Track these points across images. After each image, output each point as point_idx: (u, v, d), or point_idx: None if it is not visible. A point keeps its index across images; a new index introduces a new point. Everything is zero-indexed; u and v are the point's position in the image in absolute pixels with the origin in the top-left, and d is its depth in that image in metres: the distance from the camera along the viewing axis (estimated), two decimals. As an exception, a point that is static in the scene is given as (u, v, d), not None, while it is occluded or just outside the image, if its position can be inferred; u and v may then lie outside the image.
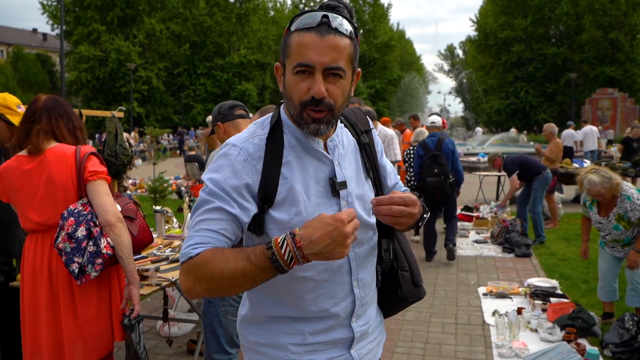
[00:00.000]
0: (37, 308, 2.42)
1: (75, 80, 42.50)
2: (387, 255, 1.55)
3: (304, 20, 1.29)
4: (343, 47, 1.30)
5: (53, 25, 44.01)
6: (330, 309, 1.42)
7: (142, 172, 16.31)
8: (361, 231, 1.43)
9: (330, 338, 1.44)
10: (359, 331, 1.48)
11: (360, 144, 1.53)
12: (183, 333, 4.39)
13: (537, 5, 46.08)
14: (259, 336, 1.46)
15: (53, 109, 2.51)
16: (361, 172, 1.50)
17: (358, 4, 53.42)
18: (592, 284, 5.64)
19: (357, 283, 1.45)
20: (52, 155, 2.43)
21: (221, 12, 46.23)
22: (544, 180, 7.48)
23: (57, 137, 2.49)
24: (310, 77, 1.29)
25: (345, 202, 1.42)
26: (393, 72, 54.06)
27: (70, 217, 2.33)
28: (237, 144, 1.36)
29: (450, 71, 78.09)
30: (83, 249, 2.31)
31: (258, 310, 1.46)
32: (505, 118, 47.68)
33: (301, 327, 1.42)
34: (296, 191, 1.35)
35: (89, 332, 2.42)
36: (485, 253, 7.19)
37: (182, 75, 45.92)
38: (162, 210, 4.30)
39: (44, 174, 2.40)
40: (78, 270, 2.31)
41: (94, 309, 2.44)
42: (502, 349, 3.95)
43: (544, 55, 46.12)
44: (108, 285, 2.52)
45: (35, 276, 2.41)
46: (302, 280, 1.38)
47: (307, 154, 1.40)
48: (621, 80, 42.07)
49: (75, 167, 2.42)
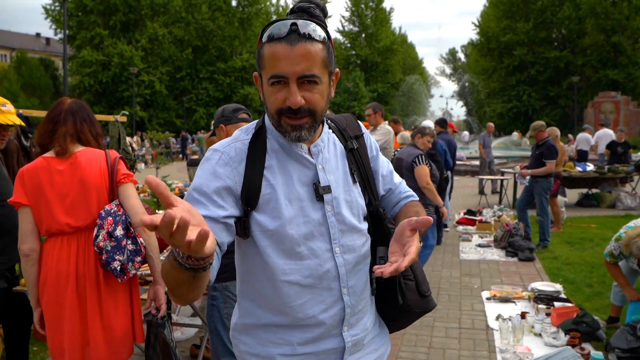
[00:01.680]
0: (62, 311, 2.42)
1: (78, 84, 42.63)
2: (382, 263, 1.44)
3: (274, 31, 1.28)
4: (315, 53, 1.28)
5: (56, 30, 44.25)
6: (317, 315, 1.39)
7: (144, 176, 16.32)
8: (350, 237, 1.42)
9: (320, 348, 1.41)
10: (351, 341, 1.44)
11: (347, 149, 1.50)
12: (186, 338, 4.39)
13: (539, 8, 46.11)
14: (248, 346, 1.45)
15: (78, 112, 2.54)
16: (348, 177, 1.47)
17: (360, 8, 53.57)
18: (596, 288, 5.62)
19: (347, 290, 1.42)
20: (83, 158, 2.46)
21: (223, 17, 46.38)
22: (546, 184, 7.45)
23: (81, 141, 2.51)
24: (286, 87, 1.28)
25: (330, 207, 1.40)
26: (395, 76, 54.14)
27: (108, 217, 2.40)
28: (219, 149, 1.37)
29: (452, 75, 78.15)
30: (123, 247, 2.39)
31: (246, 317, 1.45)
32: (508, 122, 47.65)
33: (289, 336, 1.40)
34: (278, 195, 1.35)
35: (113, 335, 2.46)
36: (489, 257, 7.16)
37: (185, 79, 46.06)
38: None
39: (76, 175, 2.43)
40: (120, 268, 2.39)
41: (118, 311, 2.49)
42: (506, 354, 3.93)
43: (546, 59, 46.12)
44: (129, 288, 2.57)
45: (59, 279, 2.41)
46: (287, 285, 1.37)
47: (289, 159, 1.39)
48: (624, 83, 42.03)
49: (108, 170, 2.48)
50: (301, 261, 1.36)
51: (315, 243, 1.38)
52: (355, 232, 1.44)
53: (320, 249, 1.38)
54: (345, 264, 1.41)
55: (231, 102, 12.60)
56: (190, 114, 45.64)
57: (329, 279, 1.39)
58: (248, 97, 45.18)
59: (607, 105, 34.91)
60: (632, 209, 10.68)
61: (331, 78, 1.37)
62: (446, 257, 7.17)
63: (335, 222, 1.40)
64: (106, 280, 2.46)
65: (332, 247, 1.39)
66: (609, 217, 9.85)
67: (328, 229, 1.39)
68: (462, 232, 8.75)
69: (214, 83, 46.27)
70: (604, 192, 11.29)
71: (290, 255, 1.36)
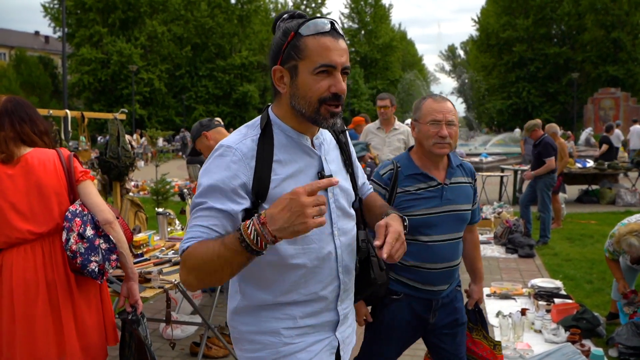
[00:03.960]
0: (32, 323, 2.26)
1: (78, 82, 42.55)
2: (364, 245, 1.68)
3: (317, 25, 1.40)
4: (347, 49, 1.45)
5: (55, 28, 44.13)
6: (319, 292, 1.53)
7: (144, 174, 16.33)
8: (345, 221, 1.59)
9: (318, 321, 1.56)
10: (343, 314, 1.61)
11: (340, 142, 1.68)
12: (186, 335, 4.39)
13: (539, 5, 45.98)
14: (250, 325, 1.54)
15: (15, 112, 2.36)
16: (342, 167, 1.65)
17: (359, 5, 53.44)
18: (596, 285, 5.62)
19: (342, 269, 1.57)
20: (35, 160, 2.31)
21: (222, 14, 46.25)
22: (549, 180, 7.45)
23: (25, 142, 2.35)
24: (330, 76, 1.41)
25: (332, 194, 1.55)
26: (395, 73, 54.03)
27: (75, 218, 2.28)
28: (232, 145, 1.44)
29: (452, 71, 78.05)
30: (97, 247, 2.29)
31: (251, 300, 1.53)
32: (508, 118, 47.59)
33: (292, 311, 1.52)
34: (287, 186, 1.42)
35: (89, 341, 2.36)
36: (489, 254, 7.16)
37: (184, 77, 45.96)
38: (165, 213, 4.29)
39: (30, 179, 2.29)
40: (97, 270, 2.28)
41: (92, 315, 2.39)
42: (506, 350, 3.93)
43: (546, 55, 46.02)
44: (99, 290, 2.48)
45: (28, 290, 2.25)
46: (295, 268, 1.48)
47: (297, 151, 1.50)
48: (623, 79, 41.93)
49: (64, 169, 2.35)
50: (308, 245, 1.48)
51: (320, 227, 1.43)
52: (348, 217, 1.61)
53: (323, 233, 1.51)
54: (341, 245, 1.56)
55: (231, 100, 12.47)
56: (190, 111, 45.55)
57: (330, 259, 1.53)
58: (247, 95, 45.11)
59: (606, 101, 34.88)
60: (632, 205, 10.69)
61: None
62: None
63: (335, 207, 1.55)
64: (78, 284, 2.34)
65: (332, 231, 1.54)
66: (609, 214, 9.86)
67: (330, 214, 1.53)
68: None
69: (213, 80, 46.15)
70: (604, 189, 11.30)
71: (298, 240, 1.44)
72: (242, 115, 44.41)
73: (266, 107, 1.56)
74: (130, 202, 5.78)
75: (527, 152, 11.61)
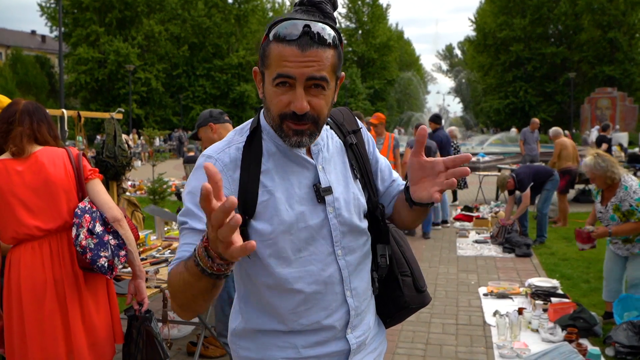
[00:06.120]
0: (40, 320, 2.29)
1: (74, 82, 42.42)
2: (383, 261, 1.46)
3: (283, 31, 1.20)
4: (326, 59, 1.22)
5: (52, 27, 43.94)
6: (322, 321, 1.35)
7: (141, 174, 16.30)
8: (352, 238, 1.38)
9: (324, 351, 1.37)
10: (355, 343, 1.40)
11: (347, 144, 1.45)
12: (183, 335, 4.38)
13: (536, 4, 46.05)
14: (250, 351, 1.40)
15: (35, 113, 2.45)
16: (349, 174, 1.42)
17: (357, 4, 53.44)
18: (593, 284, 5.63)
19: (351, 292, 1.38)
20: (45, 158, 2.37)
21: (220, 13, 46.20)
22: (556, 181, 7.48)
23: (39, 141, 2.42)
24: (291, 89, 1.21)
25: (332, 208, 1.34)
26: (392, 73, 54.08)
27: (85, 215, 2.32)
28: (213, 155, 1.31)
29: (449, 71, 78.14)
30: (106, 242, 2.32)
31: (250, 323, 1.40)
32: (505, 118, 47.67)
33: (294, 340, 1.36)
34: (277, 200, 1.29)
35: (96, 338, 2.39)
36: (486, 253, 7.17)
37: (181, 76, 45.89)
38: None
39: (40, 176, 2.34)
40: (107, 265, 2.32)
41: (100, 312, 2.42)
42: (503, 350, 3.94)
43: (543, 55, 46.11)
44: (106, 287, 2.51)
45: (36, 287, 2.29)
46: (292, 293, 1.32)
47: (288, 161, 1.33)
48: (620, 79, 42.03)
49: (73, 168, 2.40)
50: (304, 267, 1.32)
51: (317, 247, 1.33)
52: (356, 232, 1.39)
53: (322, 253, 1.34)
54: (348, 265, 1.37)
55: (228, 100, 12.46)
56: (187, 111, 45.51)
57: (333, 283, 1.35)
58: (245, 94, 45.08)
59: (603, 101, 34.95)
60: (629, 204, 10.69)
61: (337, 83, 1.31)
62: (443, 254, 7.17)
63: (336, 223, 1.35)
64: (86, 281, 2.37)
65: (334, 250, 1.35)
66: (605, 213, 9.85)
67: (330, 231, 1.34)
68: (459, 228, 8.75)
69: (210, 80, 46.11)
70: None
71: (293, 261, 1.31)
72: (240, 114, 44.37)
73: (259, 108, 1.39)
74: (127, 202, 5.76)
75: (527, 152, 11.65)
